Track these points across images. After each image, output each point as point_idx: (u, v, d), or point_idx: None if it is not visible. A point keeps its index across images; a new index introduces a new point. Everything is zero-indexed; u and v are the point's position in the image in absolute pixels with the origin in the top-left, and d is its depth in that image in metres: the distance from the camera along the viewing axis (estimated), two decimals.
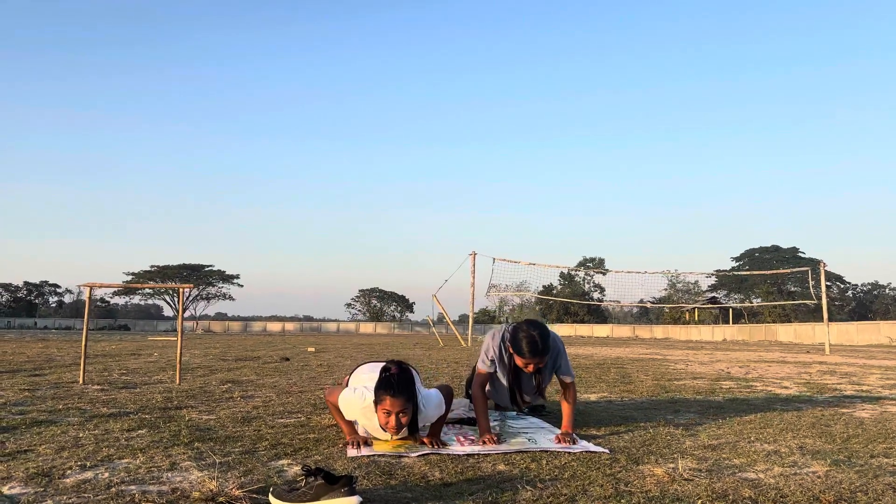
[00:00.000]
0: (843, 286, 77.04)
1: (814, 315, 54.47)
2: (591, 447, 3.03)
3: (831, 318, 39.05)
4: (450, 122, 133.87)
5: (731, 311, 62.35)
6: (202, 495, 2.15)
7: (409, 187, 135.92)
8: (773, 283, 68.09)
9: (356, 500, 2.08)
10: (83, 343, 6.26)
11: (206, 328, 68.48)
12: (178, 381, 6.04)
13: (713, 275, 62.84)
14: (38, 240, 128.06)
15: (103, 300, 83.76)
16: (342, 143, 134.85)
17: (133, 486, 2.28)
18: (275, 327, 72.92)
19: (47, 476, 2.40)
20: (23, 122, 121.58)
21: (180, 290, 6.70)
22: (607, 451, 2.97)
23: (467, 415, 3.73)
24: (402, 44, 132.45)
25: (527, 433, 3.43)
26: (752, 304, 65.56)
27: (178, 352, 6.25)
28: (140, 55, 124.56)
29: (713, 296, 72.10)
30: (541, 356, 3.35)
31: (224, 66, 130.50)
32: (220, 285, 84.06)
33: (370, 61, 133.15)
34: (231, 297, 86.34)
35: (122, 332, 50.18)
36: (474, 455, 2.85)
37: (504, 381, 3.66)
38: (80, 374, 6.06)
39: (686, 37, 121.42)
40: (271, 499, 2.13)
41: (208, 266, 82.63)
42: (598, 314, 76.57)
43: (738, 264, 73.77)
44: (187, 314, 79.35)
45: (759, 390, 6.02)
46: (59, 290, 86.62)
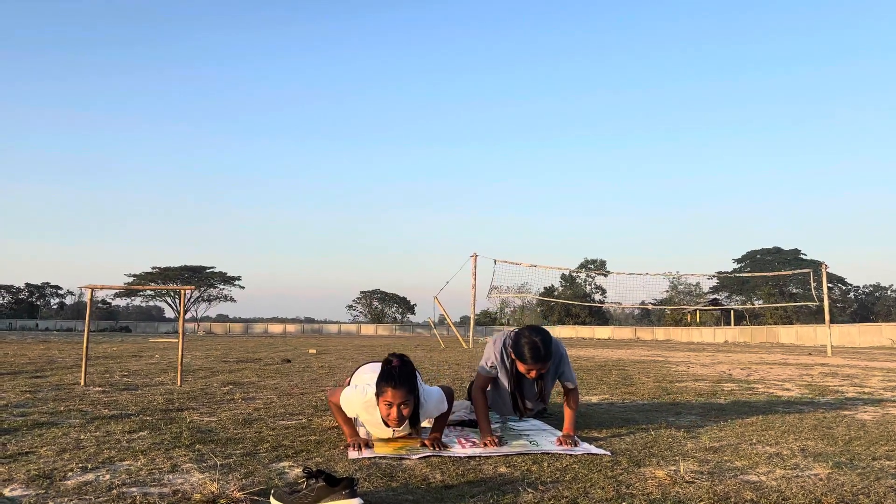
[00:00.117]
0: (844, 288, 76.98)
1: (815, 317, 54.42)
2: (593, 449, 3.03)
3: (833, 320, 39.04)
4: (450, 122, 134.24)
5: (732, 312, 62.30)
6: (203, 497, 2.15)
7: (409, 188, 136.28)
8: (775, 284, 68.03)
9: (357, 502, 2.08)
10: (84, 345, 6.26)
11: (207, 330, 68.52)
12: (179, 382, 6.05)
13: (715, 276, 62.68)
14: (39, 241, 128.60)
15: (105, 302, 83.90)
16: (343, 143, 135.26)
17: (134, 488, 2.28)
18: (276, 329, 72.97)
19: (48, 478, 2.40)
20: (23, 123, 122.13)
21: (182, 292, 6.70)
22: (609, 453, 2.97)
23: (468, 417, 3.72)
24: (402, 44, 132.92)
25: (528, 435, 3.43)
26: (753, 305, 65.51)
27: (179, 353, 6.25)
28: (140, 55, 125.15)
29: (715, 297, 72.10)
30: (543, 362, 3.31)
31: (224, 66, 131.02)
32: (222, 287, 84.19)
33: (370, 61, 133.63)
34: (232, 299, 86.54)
35: (123, 333, 50.22)
36: (475, 457, 2.85)
37: (506, 388, 3.58)
38: (82, 375, 6.06)
39: (687, 37, 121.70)
40: (272, 501, 2.13)
41: (210, 268, 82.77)
42: (600, 316, 76.56)
43: (739, 266, 73.74)
44: (188, 316, 79.41)
45: (760, 392, 6.02)
46: (60, 291, 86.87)
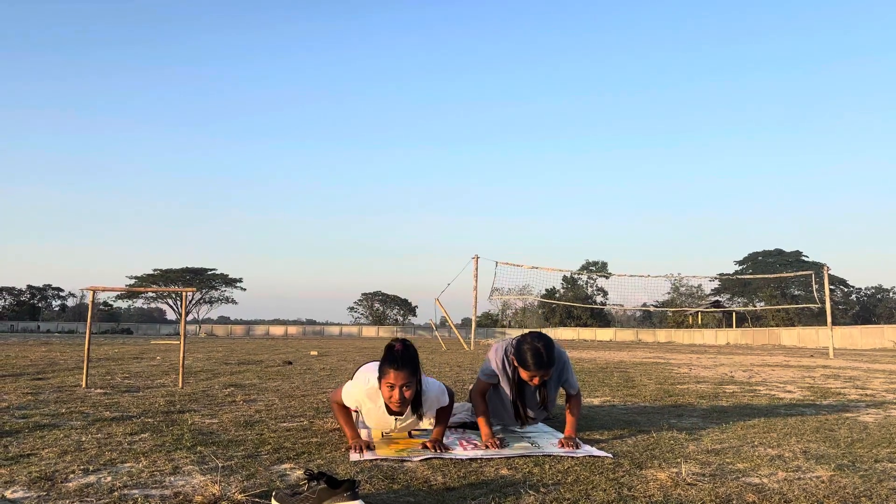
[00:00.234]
0: (846, 290, 76.86)
1: (817, 319, 54.33)
2: (595, 451, 3.03)
3: (835, 322, 38.96)
4: (451, 123, 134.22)
5: (734, 314, 62.19)
6: (205, 499, 2.15)
7: (411, 190, 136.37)
8: (777, 286, 67.94)
9: None
10: (86, 347, 6.27)
11: (208, 332, 68.56)
12: (180, 384, 6.05)
13: (716, 278, 62.74)
14: (40, 243, 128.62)
15: (106, 304, 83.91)
16: (344, 144, 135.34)
17: (136, 490, 2.28)
18: (277, 331, 72.97)
19: (50, 480, 2.40)
20: (24, 124, 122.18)
21: (183, 294, 6.71)
22: (610, 455, 2.96)
23: (470, 419, 3.71)
24: (402, 44, 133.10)
25: (529, 437, 3.43)
26: (755, 307, 65.40)
27: (180, 355, 6.25)
28: (140, 56, 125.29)
29: (716, 299, 71.96)
30: (546, 368, 3.26)
31: (225, 66, 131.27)
32: (223, 289, 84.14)
33: (371, 62, 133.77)
34: (234, 301, 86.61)
35: (124, 335, 50.25)
36: (477, 459, 2.85)
37: (508, 396, 3.51)
38: (83, 377, 6.07)
39: (688, 38, 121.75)
40: (273, 503, 2.13)
41: (211, 270, 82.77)
42: (601, 318, 76.50)
43: (741, 268, 73.67)
44: (190, 318, 79.44)
45: (762, 394, 6.01)
46: (62, 293, 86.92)
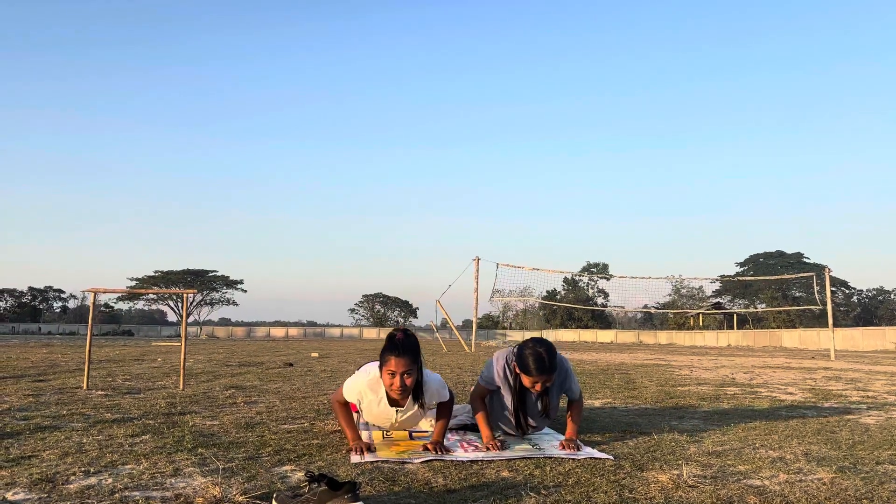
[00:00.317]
0: (848, 292, 76.77)
1: (819, 321, 54.27)
2: (596, 453, 3.02)
3: (836, 324, 38.93)
4: (452, 125, 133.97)
5: (735, 316, 62.17)
6: (206, 501, 2.15)
7: (412, 191, 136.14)
8: (778, 288, 67.89)
9: None
10: (87, 348, 6.27)
11: (209, 333, 68.56)
12: (181, 386, 6.05)
13: (717, 280, 62.76)
14: (42, 245, 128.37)
15: (107, 305, 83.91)
16: (345, 146, 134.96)
17: (136, 492, 2.28)
18: (278, 333, 72.95)
19: (51, 482, 2.40)
20: (25, 125, 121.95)
21: (184, 296, 6.71)
22: (611, 457, 2.96)
23: (470, 421, 3.70)
24: (403, 45, 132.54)
25: (531, 439, 3.42)
26: (756, 309, 65.36)
27: (181, 357, 6.25)
28: (141, 57, 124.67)
29: (717, 301, 71.95)
30: (548, 374, 3.22)
31: (225, 67, 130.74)
32: (224, 291, 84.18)
33: (372, 62, 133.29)
34: (235, 303, 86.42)
35: (125, 337, 50.28)
36: (478, 461, 2.85)
37: (509, 406, 3.44)
38: (84, 379, 6.07)
39: (689, 40, 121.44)
40: None
41: (212, 271, 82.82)
42: (602, 319, 76.47)
43: (742, 270, 73.60)
44: (191, 320, 79.45)
45: (763, 396, 6.00)
46: (63, 295, 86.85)
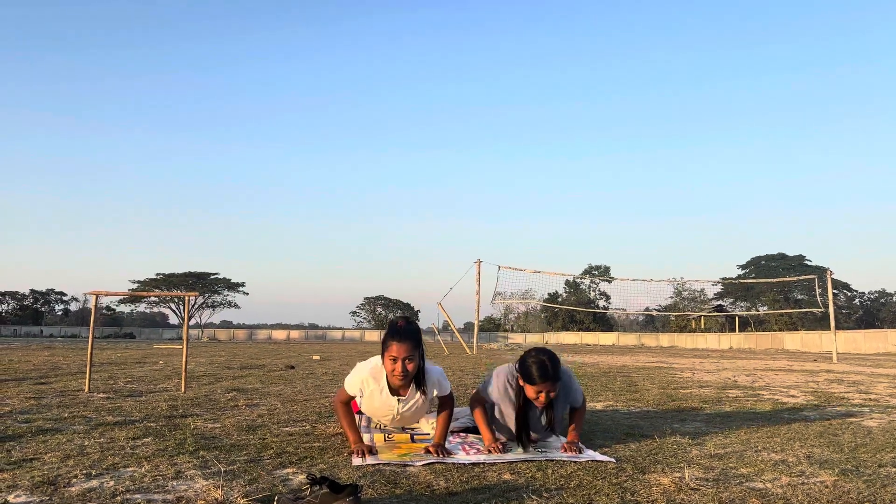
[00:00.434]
0: (850, 294, 76.63)
1: (821, 323, 54.20)
2: (597, 456, 3.02)
3: (838, 327, 38.85)
4: (454, 127, 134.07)
5: (737, 319, 62.10)
6: None
7: (413, 194, 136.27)
8: (780, 291, 67.81)
9: None
10: (89, 351, 6.27)
11: (211, 336, 68.56)
12: (183, 389, 6.05)
13: (719, 283, 62.63)
14: (44, 248, 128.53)
15: (109, 308, 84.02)
16: (346, 149, 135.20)
17: (138, 495, 2.28)
18: (280, 335, 72.96)
19: (53, 484, 2.40)
20: (26, 128, 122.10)
21: (186, 298, 6.71)
22: (613, 460, 2.95)
23: (472, 423, 3.70)
24: (404, 48, 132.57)
25: (532, 442, 3.42)
26: (758, 312, 65.28)
27: (183, 360, 6.25)
28: (143, 60, 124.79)
29: (719, 304, 71.85)
30: (552, 381, 3.17)
31: (227, 72, 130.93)
32: (226, 293, 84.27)
33: (372, 66, 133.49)
34: (236, 305, 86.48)
35: (127, 340, 50.31)
36: (479, 464, 2.84)
37: (511, 421, 3.31)
38: (86, 382, 6.07)
39: (691, 41, 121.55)
40: None
41: (213, 274, 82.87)
42: (604, 322, 76.41)
43: (744, 272, 73.50)
44: (192, 322, 79.46)
45: (765, 399, 5.99)
46: (65, 298, 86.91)
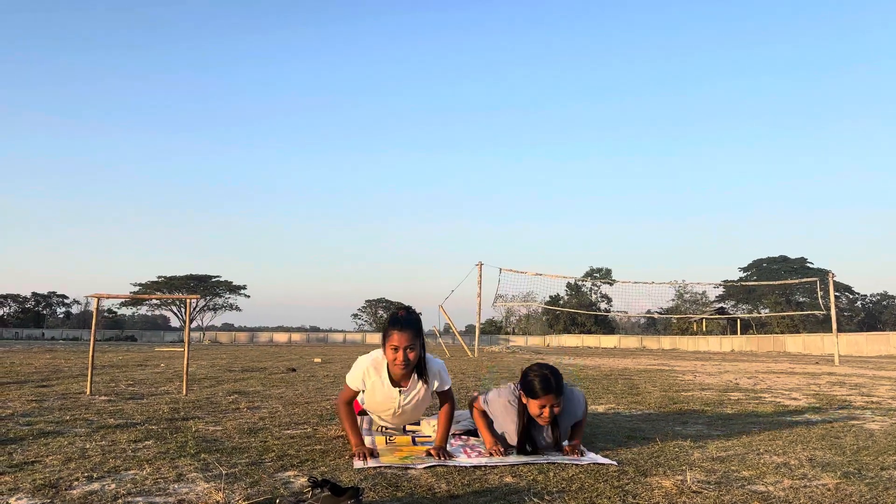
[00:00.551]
0: (851, 297, 76.53)
1: (822, 326, 54.12)
2: (599, 459, 3.01)
3: (840, 329, 38.79)
4: (455, 130, 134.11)
5: (739, 321, 62.02)
6: None
7: (415, 196, 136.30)
8: (782, 293, 67.73)
9: None
10: (90, 354, 6.28)
11: (212, 339, 68.58)
12: (184, 391, 6.05)
13: (721, 285, 62.49)
14: (45, 251, 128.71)
15: (110, 311, 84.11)
16: (348, 151, 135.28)
17: (140, 498, 2.28)
18: (281, 338, 72.95)
19: (54, 487, 2.40)
20: (28, 131, 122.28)
21: (187, 301, 6.71)
22: (615, 462, 2.95)
23: (473, 426, 3.71)
24: (405, 50, 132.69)
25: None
26: (760, 314, 65.21)
27: (184, 362, 6.26)
28: (144, 62, 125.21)
29: (721, 306, 71.76)
30: (556, 394, 3.11)
31: (228, 73, 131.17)
32: (227, 296, 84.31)
33: (373, 68, 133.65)
34: (238, 308, 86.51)
35: (129, 342, 50.34)
36: (481, 467, 2.84)
37: (513, 439, 3.22)
38: (88, 384, 6.07)
39: (692, 43, 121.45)
40: None
41: (215, 277, 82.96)
42: (606, 325, 76.35)
43: (745, 275, 73.44)
44: (194, 325, 79.50)
45: (767, 402, 5.98)
46: (66, 300, 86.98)
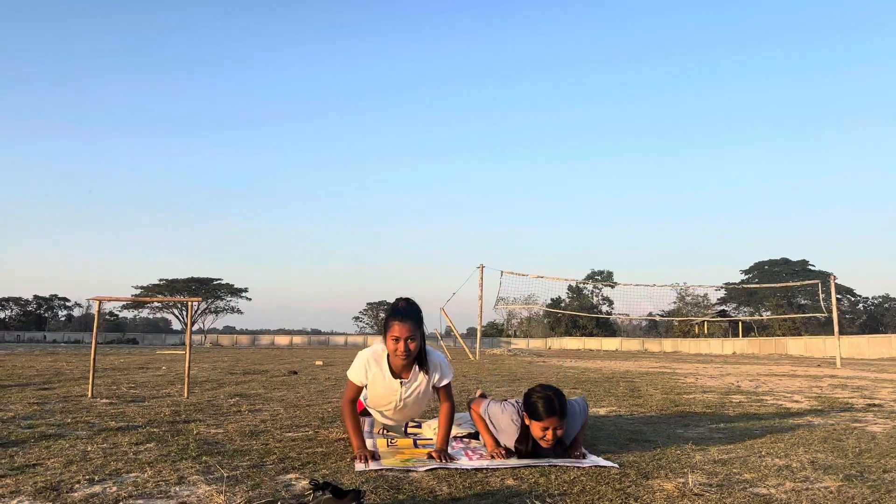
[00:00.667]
0: (853, 299, 76.43)
1: (824, 328, 54.05)
2: (601, 461, 3.01)
3: (842, 332, 38.76)
4: (456, 133, 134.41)
5: (740, 324, 61.94)
6: None
7: (416, 199, 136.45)
8: (783, 296, 67.64)
9: None
10: (92, 357, 6.28)
11: (214, 342, 68.58)
12: (186, 394, 6.05)
13: (722, 288, 62.31)
14: (47, 254, 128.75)
15: (112, 314, 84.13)
16: (349, 154, 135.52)
17: (141, 501, 2.28)
18: (283, 341, 72.93)
19: (56, 490, 2.41)
20: (29, 134, 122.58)
21: (189, 304, 6.71)
22: (617, 465, 2.95)
23: (475, 429, 3.71)
24: (407, 53, 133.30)
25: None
26: (761, 317, 65.10)
27: (186, 365, 6.26)
28: (146, 66, 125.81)
29: (723, 309, 71.72)
30: (559, 417, 3.04)
31: (230, 77, 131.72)
32: (229, 299, 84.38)
33: (375, 70, 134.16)
34: (239, 311, 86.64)
35: (130, 345, 50.33)
36: (483, 469, 2.84)
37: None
38: (89, 387, 6.08)
39: (693, 45, 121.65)
40: None
41: (216, 280, 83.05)
42: (607, 327, 76.26)
43: (747, 277, 73.37)
44: (195, 328, 79.51)
45: (769, 404, 5.97)
46: (68, 303, 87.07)
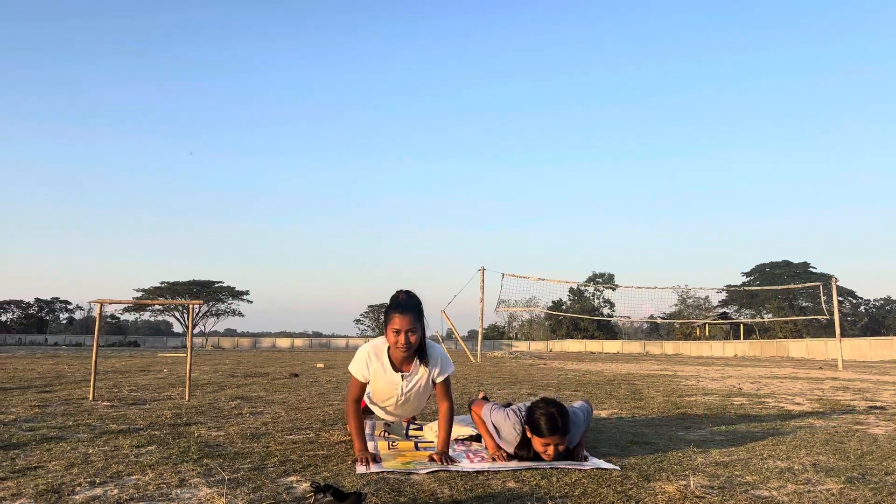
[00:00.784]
0: (855, 301, 76.35)
1: (826, 330, 53.96)
2: (602, 464, 3.01)
3: (843, 334, 38.70)
4: (457, 135, 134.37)
5: (742, 326, 61.86)
6: None
7: (417, 202, 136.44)
8: (785, 298, 67.56)
9: None
10: (93, 359, 6.28)
11: (215, 344, 68.58)
12: (187, 397, 6.06)
13: (724, 290, 62.46)
14: (48, 256, 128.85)
15: (113, 317, 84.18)
16: (350, 156, 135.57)
17: (142, 503, 2.28)
18: (284, 343, 72.90)
19: (57, 492, 2.41)
20: (30, 136, 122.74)
21: (190, 307, 6.73)
22: (618, 467, 2.95)
23: (476, 431, 3.71)
24: (408, 55, 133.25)
25: None
26: (763, 319, 65.03)
27: (187, 368, 6.26)
28: (147, 67, 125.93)
29: (724, 311, 71.65)
30: (562, 434, 3.01)
31: (230, 80, 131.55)
32: (230, 301, 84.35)
33: (376, 72, 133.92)
34: (240, 314, 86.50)
35: (131, 348, 50.36)
36: (484, 472, 2.84)
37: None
38: (90, 390, 6.08)
39: (693, 46, 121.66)
40: None
41: (218, 282, 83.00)
42: (608, 330, 76.23)
43: (748, 279, 73.35)
44: (197, 330, 79.52)
45: (771, 407, 5.97)
46: (69, 306, 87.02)
